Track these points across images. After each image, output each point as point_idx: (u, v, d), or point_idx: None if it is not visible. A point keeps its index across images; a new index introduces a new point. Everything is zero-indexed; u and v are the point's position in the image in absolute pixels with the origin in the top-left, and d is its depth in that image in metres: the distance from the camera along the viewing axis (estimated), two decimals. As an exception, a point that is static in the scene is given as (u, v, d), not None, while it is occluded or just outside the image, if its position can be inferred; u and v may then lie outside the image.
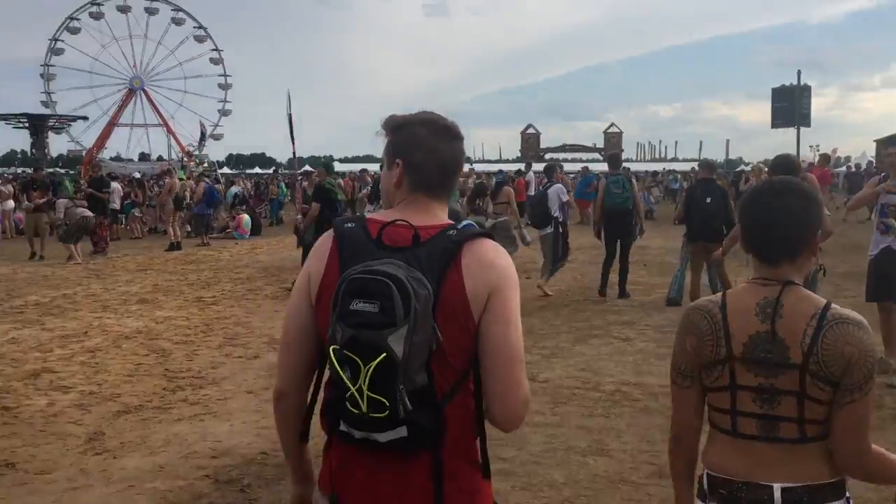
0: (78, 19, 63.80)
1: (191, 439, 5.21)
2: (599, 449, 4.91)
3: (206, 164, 66.28)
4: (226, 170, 60.83)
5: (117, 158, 69.23)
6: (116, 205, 19.65)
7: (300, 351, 1.81)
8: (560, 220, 10.66)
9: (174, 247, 16.86)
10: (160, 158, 65.10)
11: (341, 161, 70.27)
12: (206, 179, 20.09)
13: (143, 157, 73.32)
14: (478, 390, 1.72)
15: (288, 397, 1.85)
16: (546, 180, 11.24)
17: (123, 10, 64.15)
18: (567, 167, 45.11)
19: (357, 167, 45.24)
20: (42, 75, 63.96)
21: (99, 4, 63.72)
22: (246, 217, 20.71)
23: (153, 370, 7.01)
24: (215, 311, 9.78)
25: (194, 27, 65.13)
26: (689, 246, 9.62)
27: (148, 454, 4.94)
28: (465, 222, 1.90)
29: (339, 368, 1.58)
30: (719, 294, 1.97)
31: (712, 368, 1.90)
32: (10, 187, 21.78)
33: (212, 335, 8.48)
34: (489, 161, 69.62)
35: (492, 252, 1.73)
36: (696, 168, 21.53)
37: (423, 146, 1.80)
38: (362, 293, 1.57)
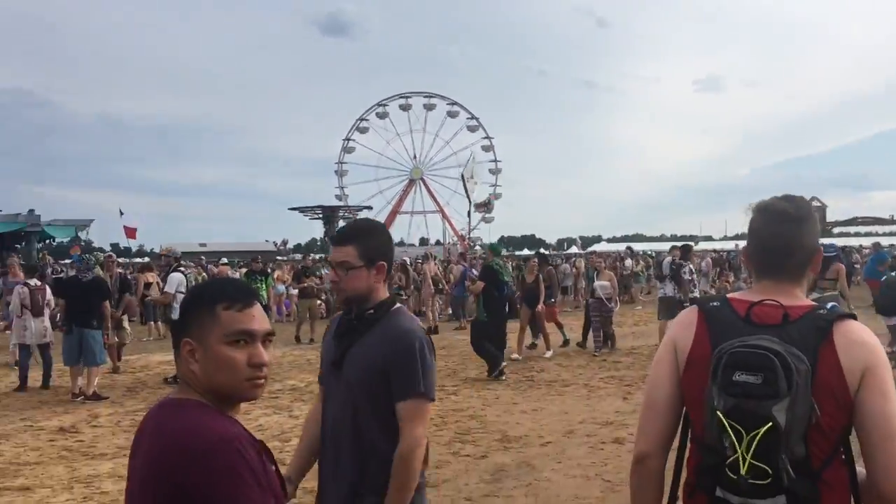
0: (367, 119, 70.22)
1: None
2: None
3: (477, 247, 68.99)
4: (543, 251, 62.43)
5: (400, 244, 73.94)
6: (384, 290, 20.56)
7: (665, 416, 1.94)
8: None
9: (431, 331, 17.13)
10: (438, 243, 68.77)
11: (609, 241, 69.49)
12: (464, 262, 20.39)
13: (423, 241, 77.59)
14: (850, 464, 1.81)
15: (650, 459, 1.97)
16: None
17: (405, 108, 69.62)
18: (858, 242, 40.66)
19: (622, 246, 44.19)
20: (336, 172, 70.86)
21: (384, 105, 69.72)
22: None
23: (377, 466, 6.77)
24: (453, 402, 9.52)
25: (467, 118, 68.88)
26: None
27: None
28: (830, 303, 2.00)
29: (721, 435, 1.71)
30: None
31: None
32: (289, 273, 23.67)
33: (444, 429, 8.17)
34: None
35: (862, 331, 1.82)
36: None
37: (753, 233, 1.96)
38: (744, 366, 1.70)
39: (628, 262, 25.75)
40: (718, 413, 1.70)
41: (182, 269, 12.00)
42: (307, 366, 12.93)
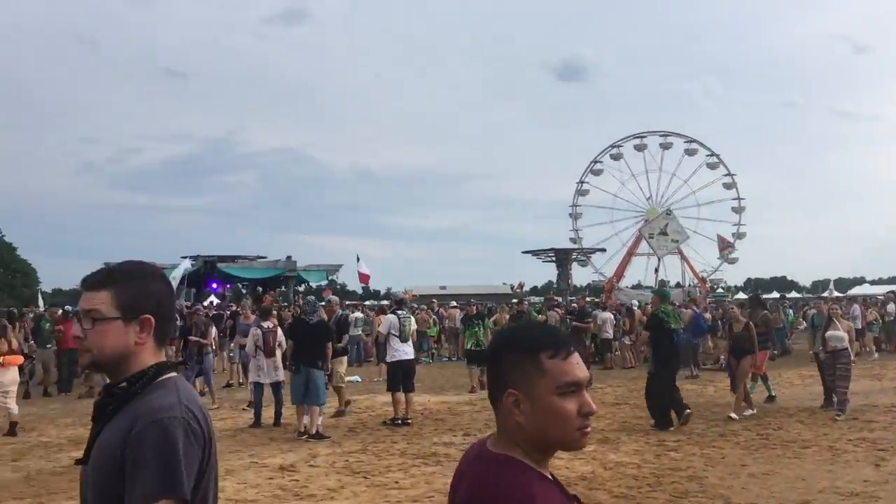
0: (601, 161, 69.50)
1: None
2: None
3: (720, 289, 65.29)
4: (741, 295, 58.95)
5: (637, 286, 72.06)
6: (609, 334, 19.91)
7: None
8: None
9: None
10: (677, 285, 66.01)
11: (872, 283, 62.70)
12: (694, 306, 19.17)
13: (661, 284, 74.92)
14: None
15: None
16: None
17: (640, 148, 68.08)
18: None
19: (889, 288, 39.64)
20: (571, 215, 70.58)
21: (618, 146, 68.67)
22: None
23: (577, 528, 6.30)
24: (671, 459, 8.75)
25: (706, 155, 65.97)
26: None
27: None
28: None
29: None
30: None
31: None
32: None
33: (658, 490, 7.48)
34: None
35: None
36: None
37: None
38: None
39: (891, 307, 22.95)
40: None
41: (399, 312, 12.28)
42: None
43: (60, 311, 18.26)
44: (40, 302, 36.29)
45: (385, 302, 46.27)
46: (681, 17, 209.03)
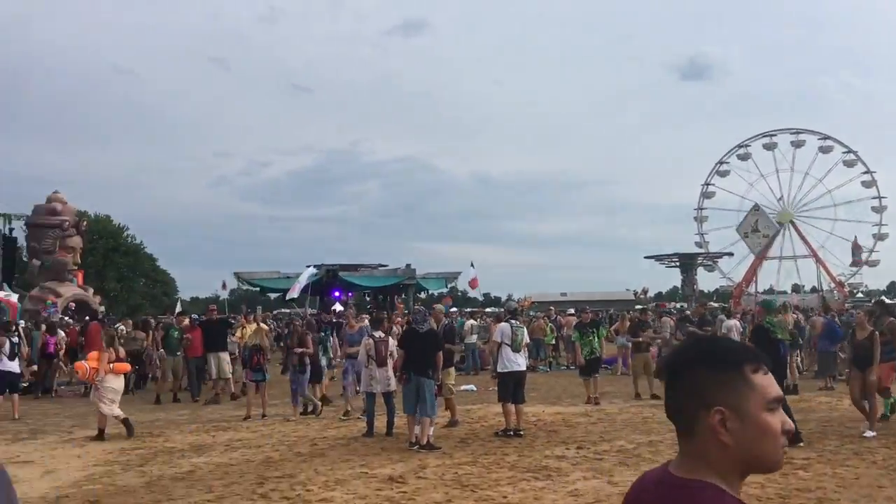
0: (727, 163, 67.01)
1: None
2: None
3: (860, 294, 61.46)
4: (884, 299, 55.31)
5: (769, 291, 69.02)
6: (735, 343, 19.02)
7: None
8: None
9: (790, 389, 15.25)
10: (813, 290, 62.71)
11: None
12: (825, 313, 18.02)
13: (796, 288, 71.51)
14: None
15: None
16: None
17: (770, 147, 65.15)
18: None
19: None
20: (695, 218, 68.35)
21: (746, 146, 65.98)
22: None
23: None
24: (799, 479, 8.16)
25: (843, 152, 62.47)
26: None
27: None
28: None
29: None
30: None
31: None
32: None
33: (783, 513, 6.99)
34: None
35: None
36: None
37: None
38: None
39: None
40: None
41: (512, 321, 12.12)
42: (641, 425, 12.19)
43: (188, 320, 19.07)
44: (177, 310, 38.31)
45: (501, 310, 46.54)
46: (810, 8, 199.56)
